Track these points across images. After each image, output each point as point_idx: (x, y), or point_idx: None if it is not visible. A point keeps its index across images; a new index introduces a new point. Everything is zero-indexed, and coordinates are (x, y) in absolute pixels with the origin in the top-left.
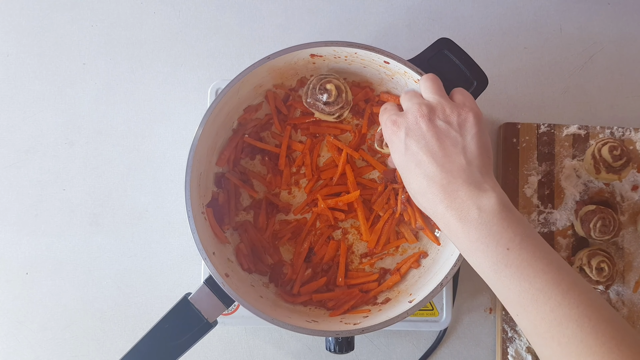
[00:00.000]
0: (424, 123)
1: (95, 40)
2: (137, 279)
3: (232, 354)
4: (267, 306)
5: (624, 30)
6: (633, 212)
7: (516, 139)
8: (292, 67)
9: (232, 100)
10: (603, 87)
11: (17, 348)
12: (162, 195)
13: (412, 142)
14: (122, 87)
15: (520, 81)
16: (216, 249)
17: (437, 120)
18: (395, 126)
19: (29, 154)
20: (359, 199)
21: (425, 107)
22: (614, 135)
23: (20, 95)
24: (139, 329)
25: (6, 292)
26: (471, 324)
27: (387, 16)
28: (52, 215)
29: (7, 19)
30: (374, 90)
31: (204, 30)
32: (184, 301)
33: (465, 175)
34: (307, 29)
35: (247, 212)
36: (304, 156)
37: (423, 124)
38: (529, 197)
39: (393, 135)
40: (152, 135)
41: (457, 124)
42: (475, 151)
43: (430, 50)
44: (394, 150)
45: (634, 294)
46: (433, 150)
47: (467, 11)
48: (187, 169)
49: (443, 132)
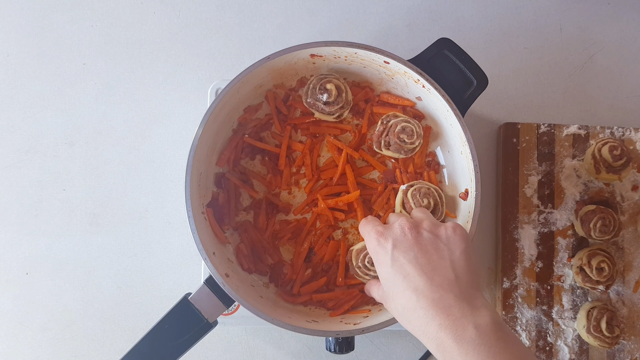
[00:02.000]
0: (412, 234)
1: (95, 40)
2: (137, 279)
3: (232, 354)
4: (267, 306)
5: (624, 30)
6: (633, 212)
7: (516, 139)
8: (292, 67)
9: (232, 100)
10: (603, 87)
11: (17, 348)
12: (162, 195)
13: (400, 254)
14: (122, 87)
15: (520, 81)
16: (216, 249)
17: (424, 232)
18: (382, 237)
19: (29, 154)
20: (359, 199)
21: (413, 220)
22: (614, 135)
23: (20, 95)
24: (139, 329)
25: (6, 292)
26: None
27: (387, 16)
28: (52, 215)
29: (7, 19)
30: (374, 90)
31: (204, 30)
32: (184, 301)
33: (456, 290)
34: (307, 29)
35: (247, 212)
36: (304, 156)
37: (410, 235)
38: (529, 197)
39: (379, 246)
40: (152, 135)
41: (445, 238)
42: (465, 266)
43: (430, 51)
44: (379, 263)
45: (634, 294)
46: (421, 263)
47: (467, 11)
48: (187, 169)
49: (431, 244)
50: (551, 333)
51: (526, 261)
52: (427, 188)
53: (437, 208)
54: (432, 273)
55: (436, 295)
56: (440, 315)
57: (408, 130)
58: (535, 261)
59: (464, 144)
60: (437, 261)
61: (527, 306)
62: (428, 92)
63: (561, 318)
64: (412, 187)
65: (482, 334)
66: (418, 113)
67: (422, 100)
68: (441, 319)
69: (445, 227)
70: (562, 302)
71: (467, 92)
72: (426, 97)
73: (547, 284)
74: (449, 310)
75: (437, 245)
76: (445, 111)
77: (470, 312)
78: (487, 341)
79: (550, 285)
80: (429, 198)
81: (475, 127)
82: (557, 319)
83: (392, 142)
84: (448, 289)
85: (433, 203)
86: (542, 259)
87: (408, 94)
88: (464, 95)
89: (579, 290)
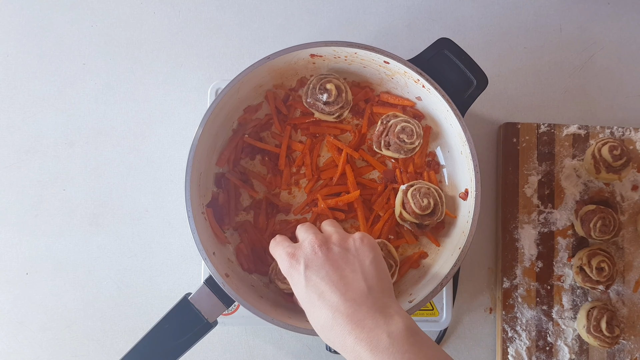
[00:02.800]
0: (322, 252)
1: (95, 40)
2: (137, 279)
3: (232, 354)
4: (267, 306)
5: (624, 30)
6: (633, 212)
7: (516, 138)
8: (292, 67)
9: (232, 101)
10: (603, 87)
11: (17, 348)
12: (162, 195)
13: (312, 274)
14: (122, 87)
15: (520, 81)
16: (216, 249)
17: (334, 247)
18: (294, 259)
19: (29, 154)
20: (359, 199)
21: (321, 235)
22: (614, 135)
23: (20, 95)
24: (139, 329)
25: (6, 292)
26: (471, 324)
27: (387, 16)
28: (52, 215)
29: (7, 19)
30: (374, 90)
31: (204, 30)
32: (184, 301)
33: (370, 302)
34: (307, 29)
35: (247, 212)
36: (304, 156)
37: (321, 252)
38: (529, 197)
39: (291, 268)
40: (152, 135)
41: (354, 249)
42: (375, 276)
43: (430, 50)
44: (294, 284)
45: (634, 294)
46: (334, 279)
47: (467, 11)
48: (187, 169)
49: (342, 258)
50: (551, 333)
51: (526, 261)
52: (427, 188)
53: (437, 208)
54: (345, 288)
55: (350, 310)
56: (356, 330)
57: (408, 130)
58: (535, 261)
59: (464, 143)
60: (349, 275)
61: (527, 306)
62: (428, 92)
63: (561, 318)
64: (412, 187)
65: (395, 341)
66: (418, 113)
67: (422, 100)
68: (357, 332)
69: (353, 238)
70: (562, 302)
71: (467, 92)
72: (426, 97)
73: (547, 284)
74: (363, 323)
75: (347, 259)
76: (445, 111)
77: (384, 321)
78: (400, 347)
79: (550, 285)
80: (429, 198)
81: (475, 127)
82: (557, 318)
83: (392, 142)
84: (361, 302)
85: (433, 203)
86: (542, 259)
87: (408, 94)
88: (464, 95)
89: (579, 290)
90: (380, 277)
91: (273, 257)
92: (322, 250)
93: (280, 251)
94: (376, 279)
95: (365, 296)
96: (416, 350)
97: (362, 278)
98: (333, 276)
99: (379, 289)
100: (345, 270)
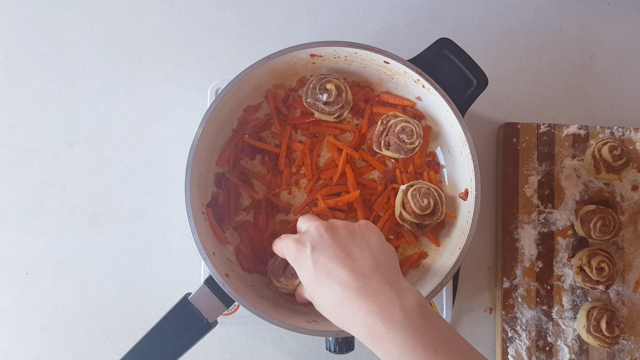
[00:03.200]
0: (328, 234)
1: (95, 40)
2: (137, 279)
3: (232, 354)
4: (267, 306)
5: (624, 30)
6: (633, 212)
7: (516, 139)
8: (292, 67)
9: (232, 101)
10: (603, 87)
11: (17, 348)
12: (162, 195)
13: (320, 254)
14: (122, 87)
15: (520, 81)
16: (216, 249)
17: (339, 230)
18: (300, 244)
19: (29, 154)
20: (359, 199)
21: (326, 222)
22: (614, 135)
23: (20, 95)
24: (139, 329)
25: (6, 292)
26: (471, 324)
27: (387, 16)
28: (52, 215)
29: (7, 19)
30: (374, 90)
31: (204, 30)
32: (184, 301)
33: (379, 276)
34: (307, 29)
35: (247, 212)
36: (304, 156)
37: (327, 234)
38: (529, 197)
39: (298, 253)
40: (152, 135)
41: (359, 232)
42: (382, 254)
43: (430, 51)
44: (301, 268)
45: (634, 294)
46: (341, 257)
47: (467, 11)
48: (187, 169)
49: (348, 239)
50: (551, 333)
51: (526, 261)
52: (427, 188)
53: (437, 208)
54: (354, 264)
55: (360, 283)
56: (367, 302)
57: (408, 130)
58: (535, 261)
59: (464, 144)
60: (356, 253)
61: (527, 306)
62: (428, 92)
63: (561, 318)
64: (412, 187)
65: (408, 316)
66: (418, 113)
67: (422, 100)
68: (368, 305)
69: (358, 223)
70: (562, 302)
71: (467, 92)
72: (426, 97)
73: (547, 284)
74: (375, 296)
75: (354, 239)
76: (445, 111)
77: (396, 295)
78: (413, 322)
79: (550, 285)
80: (429, 198)
81: (475, 127)
82: (557, 319)
83: (392, 142)
84: (371, 276)
85: (433, 203)
86: (542, 259)
87: (408, 94)
88: (464, 95)
89: (579, 290)
90: (387, 255)
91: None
92: (329, 232)
93: (286, 240)
94: (384, 256)
95: (374, 270)
96: (429, 326)
97: (370, 255)
98: (341, 254)
99: (388, 265)
100: (353, 249)
